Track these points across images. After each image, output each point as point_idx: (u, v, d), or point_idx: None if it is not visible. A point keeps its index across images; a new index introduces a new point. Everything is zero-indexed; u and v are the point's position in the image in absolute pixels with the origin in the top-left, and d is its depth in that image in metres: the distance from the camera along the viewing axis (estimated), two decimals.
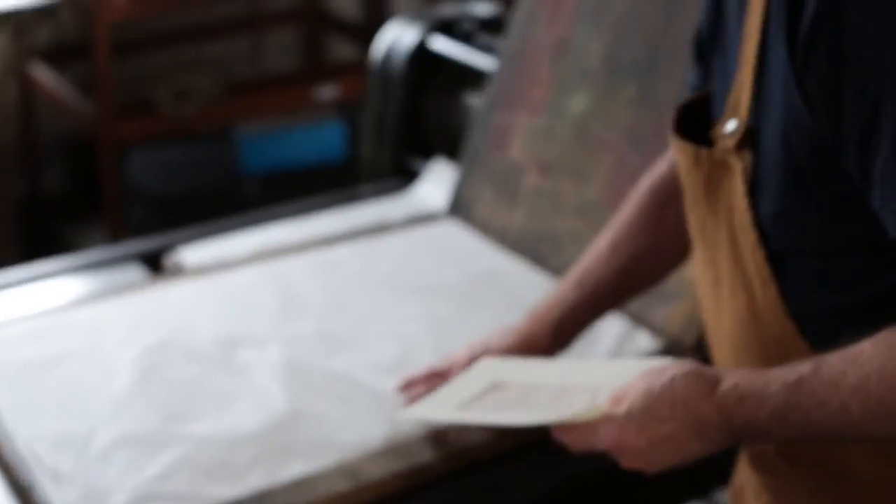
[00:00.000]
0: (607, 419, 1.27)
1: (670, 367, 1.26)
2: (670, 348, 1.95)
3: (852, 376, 1.14)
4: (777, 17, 1.19)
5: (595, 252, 1.64)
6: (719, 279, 1.33)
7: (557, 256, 2.22)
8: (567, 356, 1.68)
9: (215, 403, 1.82)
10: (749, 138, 1.24)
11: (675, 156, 1.40)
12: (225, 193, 4.06)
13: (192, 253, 2.34)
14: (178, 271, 2.28)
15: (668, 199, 1.56)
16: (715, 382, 1.22)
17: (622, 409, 1.26)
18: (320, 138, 4.17)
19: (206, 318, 2.07)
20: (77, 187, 4.23)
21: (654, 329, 1.99)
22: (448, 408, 1.61)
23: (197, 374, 1.90)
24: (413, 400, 1.72)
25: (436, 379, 1.71)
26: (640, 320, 2.01)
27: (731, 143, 1.25)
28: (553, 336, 1.65)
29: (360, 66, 4.44)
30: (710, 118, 1.36)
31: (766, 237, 1.24)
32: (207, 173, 4.10)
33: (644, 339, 1.98)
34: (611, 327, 1.97)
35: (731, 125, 1.25)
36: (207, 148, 4.14)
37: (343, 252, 2.32)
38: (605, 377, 1.38)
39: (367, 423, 1.77)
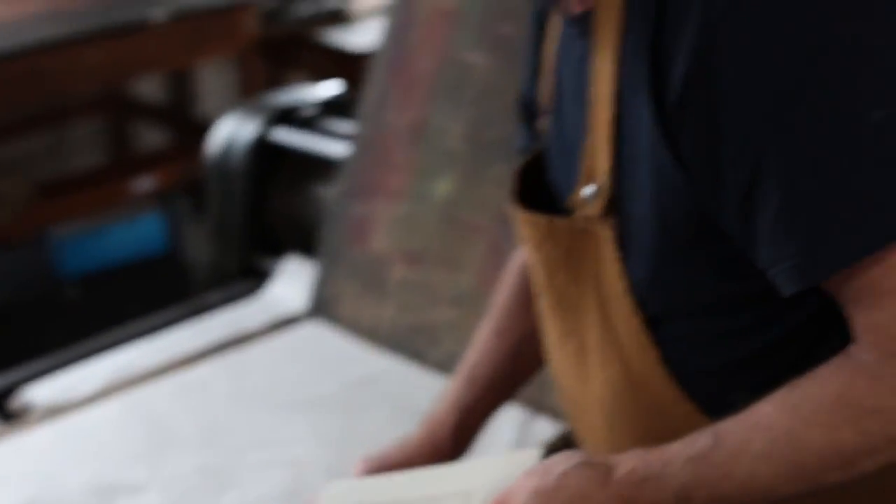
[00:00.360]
0: None
1: (556, 462, 1.17)
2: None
3: (758, 443, 1.08)
4: (635, 82, 1.13)
5: (480, 343, 1.56)
6: (585, 349, 1.27)
7: (436, 350, 2.11)
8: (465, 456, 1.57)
9: None
10: (613, 205, 1.18)
11: (520, 228, 1.33)
12: (45, 300, 3.87)
13: (40, 391, 2.15)
14: (29, 414, 2.08)
15: None
16: (609, 470, 1.13)
17: None
18: (140, 233, 4.00)
19: (73, 466, 1.89)
20: None
21: (553, 414, 1.89)
22: None
23: None
24: None
25: None
26: (538, 407, 1.91)
27: (594, 210, 1.19)
28: (454, 442, 1.54)
29: (173, 153, 4.30)
30: (548, 183, 1.31)
31: (639, 303, 1.19)
32: (24, 281, 3.90)
33: (546, 427, 1.88)
34: (509, 417, 1.87)
35: (588, 191, 1.20)
36: (22, 255, 3.93)
37: (206, 371, 2.17)
38: (472, 479, 1.29)
39: None
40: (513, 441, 1.84)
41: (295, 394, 2.05)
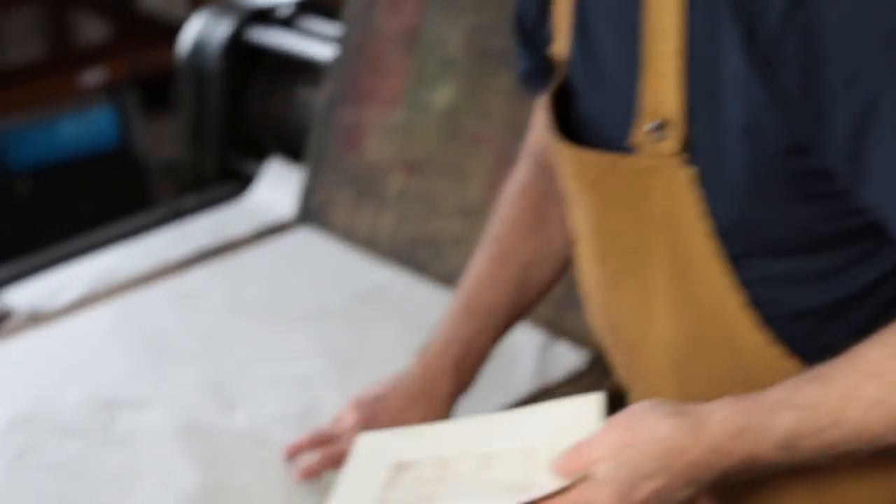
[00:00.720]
0: (590, 485, 1.11)
1: (640, 411, 1.12)
2: (598, 358, 1.81)
3: (870, 388, 1.04)
4: (712, 11, 1.07)
5: (478, 271, 1.50)
6: (647, 290, 1.22)
7: (441, 263, 2.06)
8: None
9: (113, 487, 1.58)
10: (688, 143, 1.12)
11: (565, 162, 1.26)
12: None
13: (21, 295, 2.06)
14: (9, 319, 2.00)
15: (545, 197, 1.46)
16: (701, 420, 1.09)
17: (602, 469, 1.10)
18: (91, 126, 3.87)
19: (67, 379, 1.81)
20: None
21: (573, 338, 1.85)
22: None
23: (79, 451, 1.65)
24: (306, 473, 1.50)
25: (323, 443, 1.51)
26: (556, 330, 1.87)
27: (667, 149, 1.13)
28: (455, 378, 1.48)
29: (117, 46, 4.17)
30: (577, 114, 1.25)
31: (720, 244, 1.15)
32: None
33: (567, 352, 1.83)
34: (527, 342, 1.83)
35: (651, 127, 1.14)
36: None
37: (198, 278, 2.09)
38: (529, 432, 1.21)
39: (295, 493, 1.56)
40: (533, 369, 1.79)
41: (295, 305, 1.98)
